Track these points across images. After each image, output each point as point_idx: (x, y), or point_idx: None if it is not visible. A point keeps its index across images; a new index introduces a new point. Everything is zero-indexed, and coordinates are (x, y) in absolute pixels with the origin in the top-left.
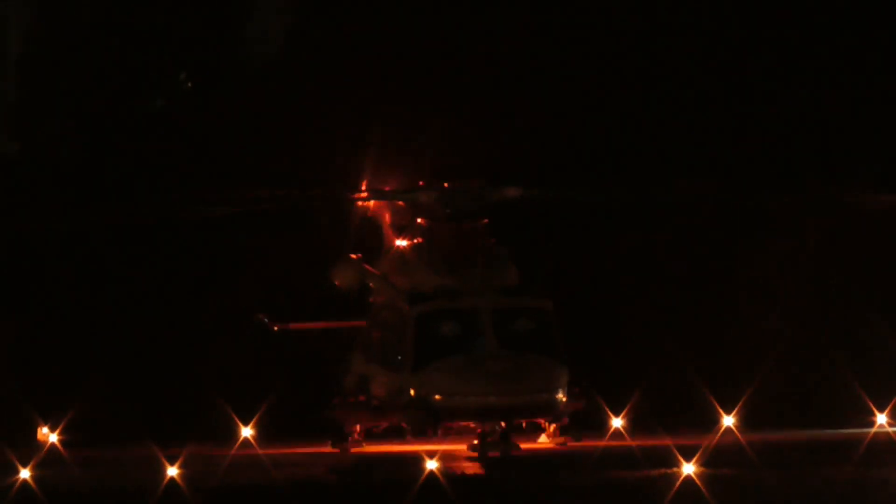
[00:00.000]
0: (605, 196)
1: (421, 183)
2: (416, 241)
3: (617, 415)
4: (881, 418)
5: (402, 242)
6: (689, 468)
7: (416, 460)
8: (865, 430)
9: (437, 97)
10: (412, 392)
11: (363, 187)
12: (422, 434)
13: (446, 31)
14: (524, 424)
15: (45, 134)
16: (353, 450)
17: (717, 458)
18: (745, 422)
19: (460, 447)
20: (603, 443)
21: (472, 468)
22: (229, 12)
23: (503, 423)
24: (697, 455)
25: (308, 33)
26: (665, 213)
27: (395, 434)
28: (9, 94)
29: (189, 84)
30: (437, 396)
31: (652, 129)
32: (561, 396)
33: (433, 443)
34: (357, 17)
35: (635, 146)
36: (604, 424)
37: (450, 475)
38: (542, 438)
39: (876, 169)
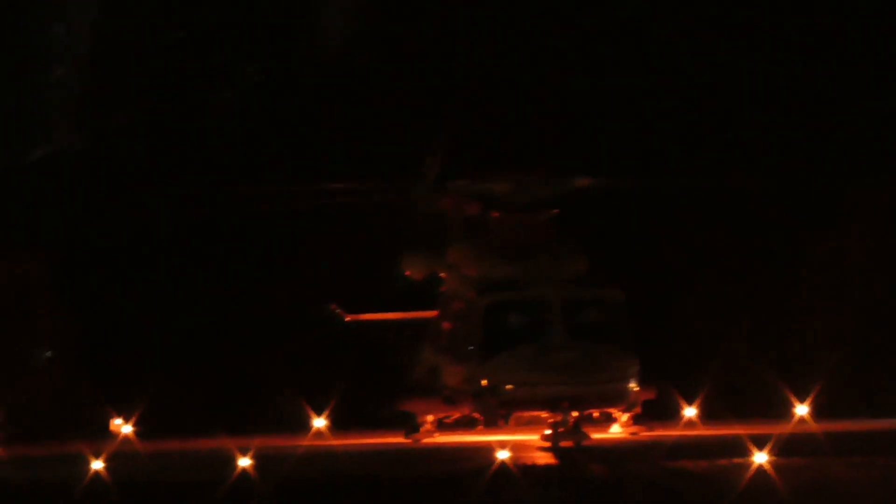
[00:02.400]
0: (673, 186)
1: (491, 174)
2: (485, 231)
3: (689, 404)
4: None
5: (471, 233)
6: (761, 457)
7: (487, 450)
8: None
9: (507, 88)
10: (483, 382)
11: (433, 179)
12: (493, 424)
13: (514, 21)
14: (596, 414)
15: (113, 128)
16: (425, 440)
17: (790, 448)
18: (817, 411)
19: (532, 437)
20: (675, 432)
21: (543, 458)
22: (298, 5)
23: (574, 413)
24: (769, 444)
25: (376, 26)
26: (733, 202)
27: (467, 424)
28: (78, 89)
29: (258, 77)
30: (507, 386)
31: (721, 118)
32: (632, 386)
33: (504, 433)
34: (425, 7)
35: (704, 137)
36: (676, 414)
37: (521, 465)
38: (614, 428)
39: None
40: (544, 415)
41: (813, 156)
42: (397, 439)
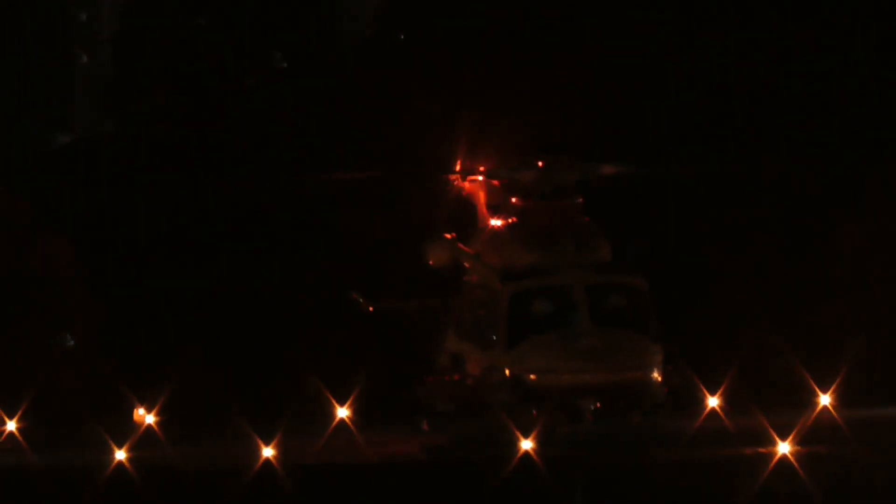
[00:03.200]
0: (695, 173)
1: (515, 161)
2: (509, 219)
3: (712, 393)
4: None
5: (495, 221)
6: (784, 447)
7: (510, 439)
8: None
9: (532, 75)
10: (506, 370)
11: (458, 166)
12: (516, 413)
13: (538, 6)
14: (619, 403)
15: (139, 112)
16: (447, 429)
17: (813, 437)
18: (840, 400)
19: (554, 426)
20: (698, 421)
21: (566, 447)
22: None
23: (597, 403)
24: (793, 434)
25: (400, 12)
26: (756, 189)
27: (490, 413)
28: (104, 74)
29: (284, 64)
30: (531, 375)
31: (739, 105)
32: (655, 374)
33: (528, 421)
34: None
35: (724, 123)
36: (699, 403)
37: (544, 455)
38: (638, 417)
39: None
40: (568, 403)
41: (842, 140)
42: (420, 427)
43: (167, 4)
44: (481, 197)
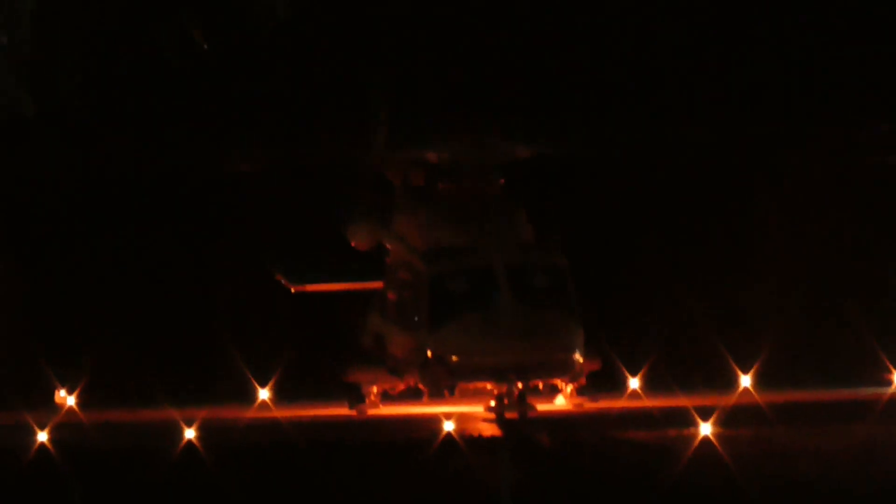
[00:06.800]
0: (616, 152)
1: (438, 141)
2: (430, 199)
3: (633, 375)
4: None
5: (416, 201)
6: (706, 428)
7: (432, 421)
8: (883, 389)
9: (449, 54)
10: (428, 352)
11: (378, 146)
12: (438, 395)
13: None
14: (541, 386)
15: (59, 90)
16: (370, 411)
17: (734, 418)
18: (761, 381)
19: (477, 408)
20: (620, 403)
21: (488, 429)
22: None
23: (520, 385)
24: (714, 415)
25: None
26: (677, 167)
27: (412, 395)
28: (24, 51)
29: (204, 44)
30: (453, 357)
31: (659, 80)
32: (578, 356)
33: (450, 404)
34: None
35: (641, 101)
36: (620, 385)
37: (466, 436)
38: (559, 399)
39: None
40: (490, 385)
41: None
42: (342, 410)
43: None
44: (402, 177)
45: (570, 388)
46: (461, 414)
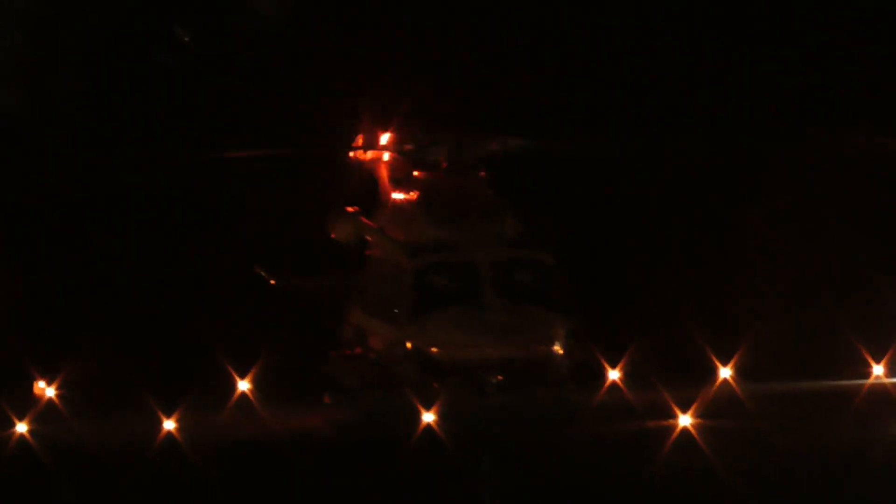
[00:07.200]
0: (605, 148)
1: (419, 135)
2: (413, 193)
3: (613, 367)
4: (877, 369)
5: (399, 195)
6: (685, 420)
7: (413, 414)
8: (862, 381)
9: (437, 47)
10: (409, 345)
11: (361, 140)
12: (418, 387)
13: None
14: (522, 377)
15: (47, 88)
16: (350, 403)
17: (714, 410)
18: (741, 373)
19: (459, 400)
20: (600, 395)
21: (470, 421)
22: None
23: (500, 376)
24: (694, 406)
25: None
26: (665, 164)
27: (393, 387)
28: (12, 48)
29: (193, 45)
30: (433, 349)
31: (652, 81)
32: (559, 349)
33: (431, 396)
34: None
35: (633, 100)
36: (601, 377)
37: (447, 429)
38: (540, 391)
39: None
40: (471, 378)
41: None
42: (322, 403)
43: None
44: (385, 171)
45: (550, 380)
46: (442, 406)
